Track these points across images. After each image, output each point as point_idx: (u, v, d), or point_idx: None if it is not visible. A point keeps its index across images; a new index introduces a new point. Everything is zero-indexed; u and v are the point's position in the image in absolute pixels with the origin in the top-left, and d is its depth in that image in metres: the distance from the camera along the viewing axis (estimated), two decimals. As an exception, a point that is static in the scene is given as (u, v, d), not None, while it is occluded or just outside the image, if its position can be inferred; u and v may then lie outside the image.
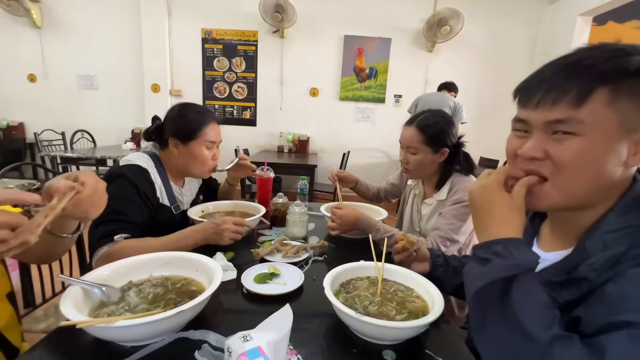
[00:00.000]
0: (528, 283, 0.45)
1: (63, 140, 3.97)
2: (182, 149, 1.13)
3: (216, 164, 1.21)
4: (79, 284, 0.66)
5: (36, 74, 4.29)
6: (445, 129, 1.19)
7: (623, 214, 0.47)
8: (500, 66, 4.06)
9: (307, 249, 1.05)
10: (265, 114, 4.41)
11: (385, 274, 0.83)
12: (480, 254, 0.49)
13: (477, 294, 0.46)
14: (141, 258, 0.80)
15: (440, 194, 1.24)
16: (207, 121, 1.14)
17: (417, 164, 1.22)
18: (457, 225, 1.13)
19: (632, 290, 0.41)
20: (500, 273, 0.45)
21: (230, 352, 0.49)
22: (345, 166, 3.68)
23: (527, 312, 0.43)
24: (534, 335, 0.41)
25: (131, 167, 1.05)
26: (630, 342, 0.38)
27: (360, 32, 4.13)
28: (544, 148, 0.48)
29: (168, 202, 1.14)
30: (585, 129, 0.45)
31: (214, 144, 1.17)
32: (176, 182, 1.21)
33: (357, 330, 0.67)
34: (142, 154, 1.13)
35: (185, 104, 1.16)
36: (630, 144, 0.45)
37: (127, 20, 4.14)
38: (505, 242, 0.47)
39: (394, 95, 4.30)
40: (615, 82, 0.44)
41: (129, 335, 0.60)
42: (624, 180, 0.49)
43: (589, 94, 0.44)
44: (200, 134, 1.13)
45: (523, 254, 0.46)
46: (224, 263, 0.92)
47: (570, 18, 3.65)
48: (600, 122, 0.44)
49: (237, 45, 4.22)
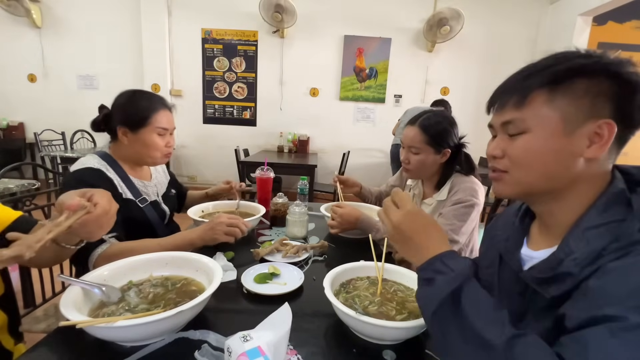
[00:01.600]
0: (473, 290, 0.49)
1: (63, 140, 3.97)
2: (131, 137, 1.08)
3: (170, 150, 1.15)
4: (79, 284, 0.66)
5: (36, 74, 4.29)
6: (447, 129, 1.19)
7: (604, 211, 0.49)
8: (500, 66, 4.05)
9: (307, 249, 1.05)
10: (265, 114, 4.41)
11: (385, 274, 0.83)
12: (424, 275, 0.54)
13: (434, 315, 0.50)
14: (141, 258, 0.80)
15: (440, 194, 1.24)
16: (157, 108, 1.10)
17: (418, 164, 1.22)
18: (458, 226, 1.13)
19: (613, 284, 0.42)
20: (446, 288, 0.49)
21: (230, 352, 0.49)
22: (345, 166, 3.68)
23: (480, 319, 0.46)
24: (492, 343, 0.43)
25: (84, 171, 1.01)
26: (611, 336, 0.39)
27: (360, 32, 4.14)
28: (503, 147, 0.56)
29: (132, 196, 1.09)
30: (530, 126, 0.52)
31: (167, 131, 1.12)
32: (136, 175, 1.15)
33: (357, 330, 0.67)
34: (91, 155, 1.08)
35: (133, 90, 1.11)
36: (583, 138, 0.49)
37: (127, 20, 4.14)
38: (442, 257, 0.53)
39: (394, 95, 4.31)
40: (550, 85, 0.50)
41: (129, 335, 0.60)
42: (596, 174, 0.51)
43: (527, 96, 0.52)
44: (151, 120, 1.07)
45: (458, 264, 0.52)
46: (224, 263, 0.92)
47: (570, 18, 3.66)
48: (542, 119, 0.51)
49: (237, 45, 4.22)
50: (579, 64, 0.49)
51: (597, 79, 0.48)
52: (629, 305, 0.39)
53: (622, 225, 0.46)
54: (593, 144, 0.49)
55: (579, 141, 0.49)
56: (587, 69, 0.49)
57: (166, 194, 1.27)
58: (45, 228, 0.55)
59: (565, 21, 3.74)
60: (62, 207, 0.60)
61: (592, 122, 0.49)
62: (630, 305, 0.39)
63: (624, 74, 0.48)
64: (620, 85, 0.48)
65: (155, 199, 1.19)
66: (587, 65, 0.49)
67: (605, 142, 0.49)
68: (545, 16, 4.03)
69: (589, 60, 0.49)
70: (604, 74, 0.48)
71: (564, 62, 0.50)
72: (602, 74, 0.48)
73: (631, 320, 0.38)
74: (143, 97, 1.10)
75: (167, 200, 1.25)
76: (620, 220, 0.47)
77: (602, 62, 0.49)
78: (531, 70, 0.53)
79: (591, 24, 3.68)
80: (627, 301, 0.40)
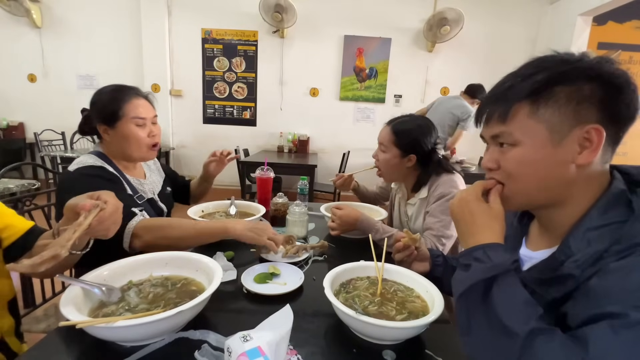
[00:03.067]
0: (508, 282, 0.48)
1: (63, 140, 3.97)
2: (112, 133, 1.07)
3: (155, 140, 1.13)
4: (79, 284, 0.66)
5: (36, 74, 4.29)
6: (417, 137, 1.21)
7: (604, 212, 0.49)
8: (500, 66, 3.99)
9: (307, 249, 1.05)
10: (265, 114, 4.41)
11: (385, 274, 0.83)
12: (463, 260, 0.53)
13: (461, 297, 0.50)
14: (141, 258, 0.80)
15: (420, 193, 1.26)
16: (128, 98, 1.07)
17: (384, 163, 1.27)
18: (447, 221, 1.14)
19: (614, 283, 0.42)
20: (479, 276, 0.49)
21: (230, 352, 0.49)
22: (345, 166, 3.68)
23: (507, 309, 0.45)
24: (514, 330, 0.43)
25: (84, 169, 1.01)
26: (612, 332, 0.39)
27: (360, 32, 4.13)
28: (496, 158, 0.56)
29: (132, 193, 1.09)
30: (518, 139, 0.52)
31: (144, 120, 1.09)
32: (131, 173, 1.15)
33: (357, 330, 0.67)
34: (88, 155, 1.08)
35: (105, 86, 1.09)
36: (573, 145, 0.49)
37: (127, 20, 4.13)
38: (485, 248, 0.52)
39: (394, 95, 4.31)
40: (531, 97, 0.50)
41: (129, 335, 0.60)
42: (592, 176, 0.51)
43: (509, 110, 0.52)
44: (124, 112, 1.05)
45: (498, 257, 0.50)
46: (224, 263, 0.92)
47: (570, 18, 3.65)
48: (528, 131, 0.51)
49: (237, 45, 4.22)
50: (556, 72, 0.49)
51: (577, 85, 0.48)
52: (631, 304, 0.39)
53: (624, 227, 0.46)
54: (584, 149, 0.49)
55: (570, 148, 0.49)
56: (565, 76, 0.48)
57: (162, 192, 1.27)
58: (69, 229, 0.60)
59: (565, 21, 3.74)
60: (74, 210, 0.64)
61: (579, 129, 0.48)
62: (631, 303, 0.39)
63: (604, 76, 0.47)
64: (602, 87, 0.47)
65: (151, 196, 1.18)
66: (565, 73, 0.48)
67: (595, 147, 0.48)
68: (545, 16, 4.03)
69: (567, 67, 0.49)
70: (582, 80, 0.48)
71: (542, 70, 0.50)
72: (581, 79, 0.48)
73: (632, 317, 0.38)
74: (112, 90, 1.09)
75: (164, 198, 1.25)
76: (621, 221, 0.47)
77: (580, 68, 0.48)
78: (512, 80, 0.53)
79: (591, 24, 3.68)
80: (629, 299, 0.40)
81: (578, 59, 0.49)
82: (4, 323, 0.79)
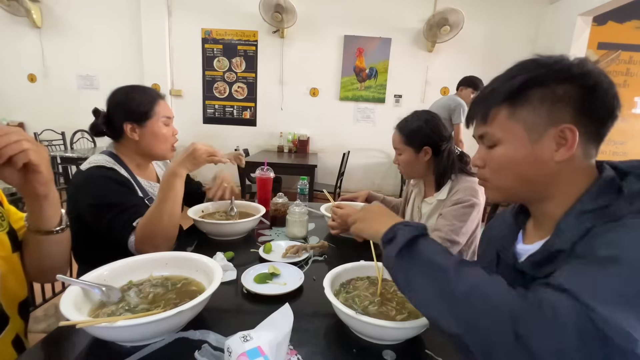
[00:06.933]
0: (428, 240, 0.56)
1: (63, 140, 3.97)
2: (140, 131, 1.09)
3: (176, 140, 1.19)
4: (79, 284, 0.66)
5: (36, 74, 4.29)
6: (421, 128, 1.23)
7: (596, 197, 0.51)
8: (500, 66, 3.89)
9: (307, 249, 1.05)
10: (265, 114, 4.41)
11: (385, 274, 0.83)
12: (387, 236, 0.60)
13: (396, 258, 0.55)
14: (141, 258, 0.80)
15: (440, 194, 1.25)
16: (156, 98, 1.12)
17: (404, 164, 1.28)
18: (458, 227, 1.13)
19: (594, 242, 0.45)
20: (405, 238, 0.55)
21: (230, 352, 0.49)
22: (345, 166, 3.68)
23: (433, 253, 0.53)
24: (444, 265, 0.50)
25: (97, 169, 1.03)
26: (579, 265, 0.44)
27: (360, 32, 4.13)
28: (483, 157, 0.61)
29: (142, 195, 1.11)
30: (499, 138, 0.56)
31: (170, 120, 1.15)
32: (142, 175, 1.17)
33: (357, 330, 0.67)
34: (100, 155, 1.10)
35: (127, 87, 1.12)
36: (550, 143, 0.52)
37: (127, 20, 4.13)
38: (400, 223, 0.60)
39: (394, 95, 4.31)
40: (508, 100, 0.54)
41: (129, 335, 0.60)
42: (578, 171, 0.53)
43: (488, 113, 0.57)
44: (155, 111, 1.10)
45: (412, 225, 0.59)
46: (224, 263, 0.92)
47: (570, 18, 3.65)
48: (508, 131, 0.55)
49: (237, 45, 4.22)
50: (532, 76, 0.52)
51: (550, 88, 0.51)
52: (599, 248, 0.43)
53: (612, 207, 0.49)
54: (560, 147, 0.51)
55: (547, 147, 0.52)
56: (539, 79, 0.51)
57: None
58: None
59: (565, 21, 3.74)
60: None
61: (554, 128, 0.51)
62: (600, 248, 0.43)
63: (576, 77, 0.50)
64: (575, 88, 0.50)
65: None
66: (538, 76, 0.51)
67: (570, 145, 0.51)
68: (545, 16, 4.03)
69: (542, 70, 0.52)
70: (555, 82, 0.50)
71: (520, 74, 0.53)
72: (554, 81, 0.50)
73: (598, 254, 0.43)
74: (140, 90, 1.12)
75: None
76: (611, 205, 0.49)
77: (553, 70, 0.51)
78: (494, 84, 0.57)
79: (591, 24, 3.68)
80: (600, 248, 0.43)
81: (555, 62, 0.52)
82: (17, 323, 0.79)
